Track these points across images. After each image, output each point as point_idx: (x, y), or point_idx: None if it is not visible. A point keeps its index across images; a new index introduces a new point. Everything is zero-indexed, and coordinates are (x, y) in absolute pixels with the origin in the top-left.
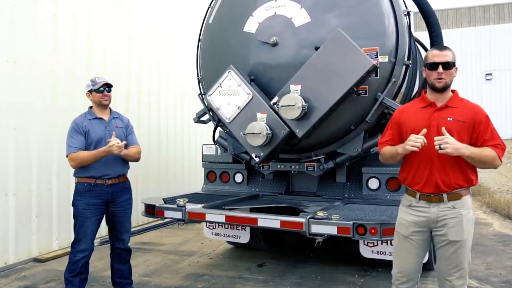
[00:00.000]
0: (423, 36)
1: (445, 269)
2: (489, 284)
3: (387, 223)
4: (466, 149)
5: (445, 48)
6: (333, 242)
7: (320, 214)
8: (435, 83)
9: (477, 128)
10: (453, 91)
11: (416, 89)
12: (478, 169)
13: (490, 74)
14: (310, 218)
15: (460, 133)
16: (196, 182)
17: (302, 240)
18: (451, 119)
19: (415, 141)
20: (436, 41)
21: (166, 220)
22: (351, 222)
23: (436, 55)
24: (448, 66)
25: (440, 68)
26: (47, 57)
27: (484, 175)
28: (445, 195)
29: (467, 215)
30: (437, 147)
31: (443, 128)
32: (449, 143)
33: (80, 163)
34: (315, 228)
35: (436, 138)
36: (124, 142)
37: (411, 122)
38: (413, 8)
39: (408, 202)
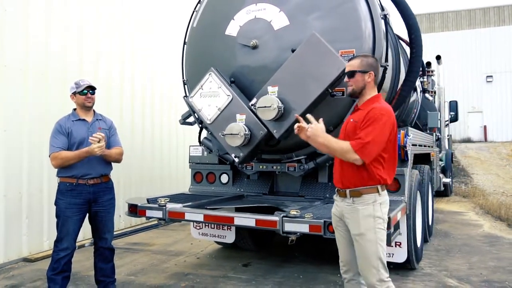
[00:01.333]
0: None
1: (359, 265)
2: (469, 284)
3: None
4: (322, 138)
5: (354, 58)
6: (319, 242)
7: (294, 212)
8: (345, 89)
9: (361, 126)
10: (376, 95)
11: None
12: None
13: (491, 76)
14: (283, 216)
15: (350, 132)
16: (185, 183)
17: (292, 243)
18: (352, 120)
19: None
20: (415, 42)
21: (153, 221)
22: (322, 221)
23: (346, 66)
24: (352, 74)
25: (346, 77)
26: (39, 61)
27: (481, 177)
28: (347, 191)
29: (365, 210)
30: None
31: (309, 115)
32: (312, 128)
33: (62, 163)
34: (288, 227)
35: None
36: (103, 143)
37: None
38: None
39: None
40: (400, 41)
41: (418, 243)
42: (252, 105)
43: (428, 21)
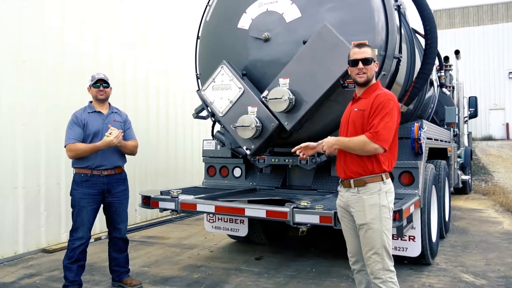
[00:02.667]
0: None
1: (363, 254)
2: (485, 279)
3: None
4: (336, 143)
5: (364, 45)
6: (332, 236)
7: (304, 203)
8: (357, 78)
9: (372, 115)
10: (375, 82)
11: None
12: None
13: None
14: (294, 207)
15: (356, 121)
16: (199, 177)
17: (303, 235)
18: (356, 109)
19: None
20: (430, 34)
21: (168, 215)
22: (332, 211)
23: (356, 53)
24: (367, 61)
25: (360, 64)
26: (54, 56)
27: (502, 175)
28: (351, 181)
29: (370, 199)
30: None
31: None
32: (324, 142)
33: (77, 154)
34: (299, 218)
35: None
36: (121, 131)
37: (343, 116)
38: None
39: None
40: (417, 35)
41: (433, 238)
42: (263, 97)
43: (448, 17)
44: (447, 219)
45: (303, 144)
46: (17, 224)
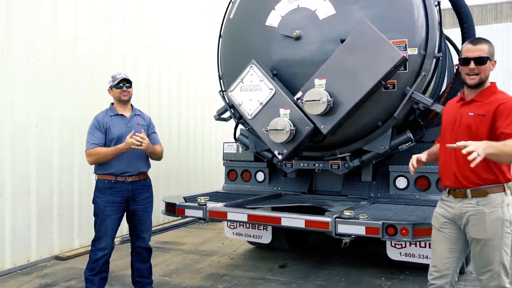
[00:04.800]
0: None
1: (476, 268)
2: None
3: (419, 223)
4: (490, 147)
5: (480, 41)
6: (359, 243)
7: (347, 213)
8: (466, 79)
9: (497, 120)
10: (491, 83)
11: (445, 84)
12: None
13: None
14: (336, 217)
15: (479, 128)
16: (217, 181)
17: (325, 241)
18: (472, 113)
19: None
20: (468, 31)
21: (186, 219)
22: (380, 222)
23: (469, 50)
24: (481, 61)
25: (472, 64)
26: (67, 56)
27: None
28: (468, 191)
29: (493, 213)
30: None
31: (460, 143)
32: (475, 149)
33: (97, 159)
34: (342, 228)
35: (463, 151)
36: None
37: (444, 118)
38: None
39: (442, 196)
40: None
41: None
42: (297, 99)
43: (481, 12)
44: None
45: (414, 160)
46: (30, 230)
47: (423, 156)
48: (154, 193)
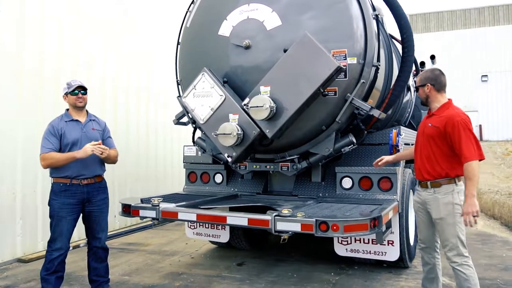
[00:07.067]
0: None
1: (441, 243)
2: None
3: (349, 220)
4: (472, 195)
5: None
6: (314, 241)
7: (285, 211)
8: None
9: (449, 136)
10: (448, 100)
11: None
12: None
13: (486, 76)
14: (275, 215)
15: (435, 136)
16: (180, 183)
17: (284, 242)
18: (431, 124)
19: None
20: (407, 42)
21: (148, 221)
22: (313, 219)
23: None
24: (416, 89)
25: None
26: (33, 62)
27: None
28: (429, 183)
29: (445, 198)
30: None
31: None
32: (470, 214)
33: (51, 163)
34: (281, 226)
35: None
36: (100, 143)
37: (419, 127)
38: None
39: (417, 186)
40: (394, 40)
41: (411, 242)
42: (244, 105)
43: (424, 21)
44: None
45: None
46: None
47: (390, 158)
48: (121, 196)
